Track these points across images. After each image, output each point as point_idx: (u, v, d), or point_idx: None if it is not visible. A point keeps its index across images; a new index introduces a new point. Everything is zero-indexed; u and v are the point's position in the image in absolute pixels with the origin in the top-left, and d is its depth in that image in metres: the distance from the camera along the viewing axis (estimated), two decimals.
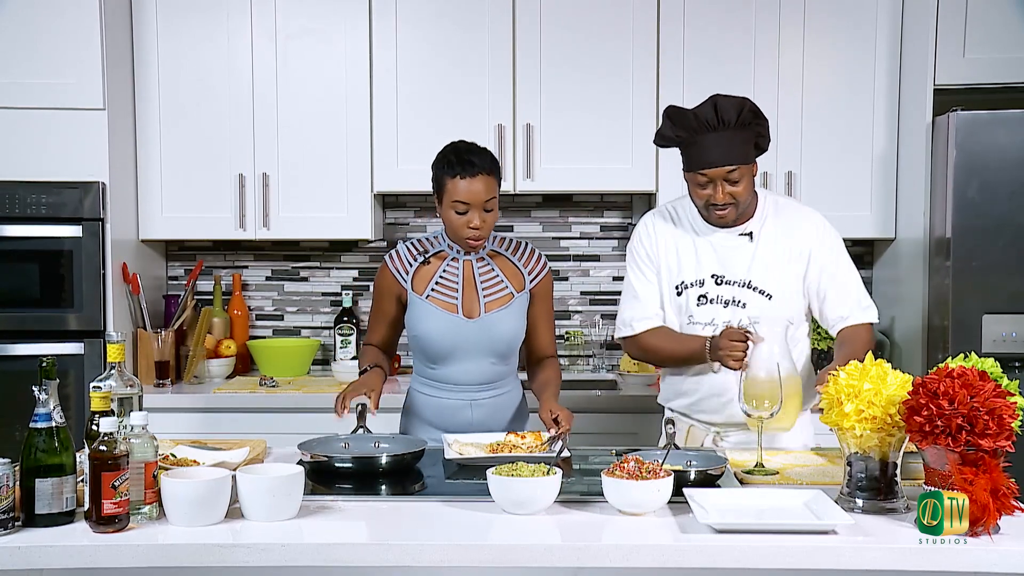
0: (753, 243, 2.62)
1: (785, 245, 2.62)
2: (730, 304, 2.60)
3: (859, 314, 2.61)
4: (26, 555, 1.81)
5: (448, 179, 2.59)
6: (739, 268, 2.61)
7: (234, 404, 3.55)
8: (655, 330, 2.68)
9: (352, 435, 2.51)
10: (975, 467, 1.83)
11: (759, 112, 2.53)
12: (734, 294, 2.61)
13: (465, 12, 3.70)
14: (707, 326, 2.61)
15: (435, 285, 2.68)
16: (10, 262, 3.52)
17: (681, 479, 2.09)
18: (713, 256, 2.63)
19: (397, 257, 2.73)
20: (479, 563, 1.84)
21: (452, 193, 2.58)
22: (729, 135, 2.49)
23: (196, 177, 3.75)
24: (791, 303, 2.62)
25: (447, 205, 2.61)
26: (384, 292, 2.75)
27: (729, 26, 3.68)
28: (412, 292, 2.68)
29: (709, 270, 2.63)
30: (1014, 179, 3.29)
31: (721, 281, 2.63)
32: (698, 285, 2.64)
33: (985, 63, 3.46)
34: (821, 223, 2.65)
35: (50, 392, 1.89)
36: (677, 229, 2.68)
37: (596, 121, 3.71)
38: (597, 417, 3.41)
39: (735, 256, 2.62)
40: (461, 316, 2.66)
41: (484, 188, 2.58)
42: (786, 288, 2.61)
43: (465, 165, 2.58)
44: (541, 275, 2.76)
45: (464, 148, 2.63)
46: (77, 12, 3.48)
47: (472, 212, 2.59)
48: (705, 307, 2.63)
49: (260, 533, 1.88)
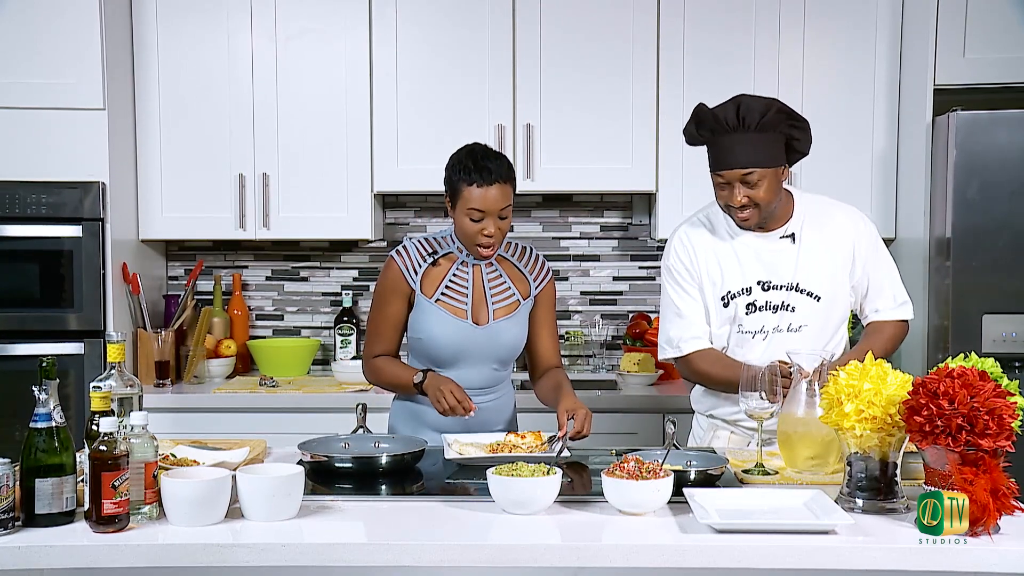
0: (796, 245, 2.57)
1: (829, 244, 2.57)
2: (779, 309, 2.56)
3: (892, 310, 2.60)
4: (26, 555, 1.81)
5: (464, 186, 2.54)
6: (785, 272, 2.57)
7: (234, 404, 3.55)
8: (704, 353, 2.61)
9: (352, 435, 2.51)
10: (975, 467, 1.83)
11: (792, 114, 2.48)
12: (783, 298, 2.56)
13: (465, 12, 3.70)
14: (757, 334, 2.58)
15: (445, 289, 2.64)
16: (10, 262, 3.52)
17: (681, 479, 2.09)
18: (757, 262, 2.58)
19: (406, 254, 2.66)
20: (479, 563, 1.84)
21: (468, 200, 2.54)
22: (751, 137, 2.43)
23: (196, 177, 3.76)
24: (840, 303, 2.59)
25: (462, 211, 2.56)
26: (392, 291, 2.67)
27: (729, 26, 3.68)
28: (420, 293, 2.65)
29: (755, 276, 2.58)
30: (1014, 179, 3.29)
31: (768, 287, 2.57)
32: (745, 293, 2.58)
33: (985, 63, 3.46)
34: (860, 218, 2.63)
35: (50, 392, 1.89)
36: (714, 238, 2.62)
37: (596, 121, 3.71)
38: (597, 417, 3.34)
39: (780, 260, 2.57)
40: (470, 323, 2.63)
41: (500, 196, 2.54)
42: (835, 288, 2.57)
43: (483, 172, 2.53)
44: (545, 281, 2.74)
45: (481, 154, 2.58)
46: (77, 12, 3.48)
47: (487, 220, 2.54)
48: (754, 315, 2.58)
49: (260, 533, 1.88)
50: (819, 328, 2.57)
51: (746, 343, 2.60)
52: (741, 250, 2.59)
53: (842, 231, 2.59)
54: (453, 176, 2.58)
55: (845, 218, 2.61)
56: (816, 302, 2.56)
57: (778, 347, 2.52)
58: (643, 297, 4.12)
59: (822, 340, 2.56)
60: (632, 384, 3.70)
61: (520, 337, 2.70)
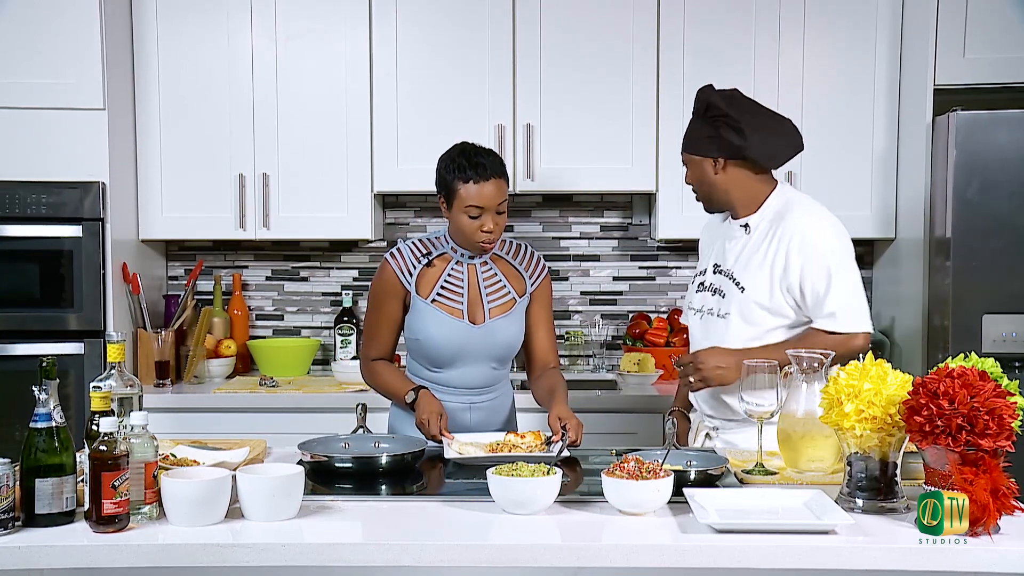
0: (747, 235, 2.62)
1: (772, 242, 2.55)
2: (716, 292, 2.65)
3: (821, 320, 2.53)
4: (26, 555, 1.81)
5: (460, 183, 2.55)
6: (731, 258, 2.63)
7: (234, 404, 3.55)
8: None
9: (352, 435, 2.51)
10: (975, 467, 1.83)
11: (727, 114, 2.52)
12: (720, 283, 2.64)
13: (465, 12, 3.70)
14: (696, 312, 2.70)
15: (440, 289, 2.65)
16: (10, 262, 3.52)
17: (681, 479, 2.09)
18: (718, 245, 2.69)
19: (400, 257, 2.67)
20: (479, 563, 1.84)
21: (465, 198, 2.55)
22: (694, 124, 2.62)
23: (196, 177, 3.76)
24: (766, 300, 2.55)
25: (459, 210, 2.57)
26: (387, 294, 2.69)
27: (729, 26, 3.68)
28: (416, 295, 2.65)
29: (712, 259, 2.69)
30: (1014, 179, 3.29)
31: (717, 270, 2.67)
32: (702, 273, 2.72)
33: (985, 63, 3.46)
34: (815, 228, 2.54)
35: (50, 392, 1.89)
36: (714, 220, 2.77)
37: (596, 121, 3.71)
38: (597, 417, 3.40)
39: (730, 246, 2.64)
40: (466, 322, 2.64)
41: (496, 191, 2.56)
42: (763, 284, 2.55)
43: (477, 168, 2.54)
44: (540, 278, 2.75)
45: (472, 150, 2.59)
46: (77, 12, 3.48)
47: (485, 216, 2.56)
48: (699, 294, 2.71)
49: (260, 533, 1.88)
50: (742, 319, 2.56)
51: (689, 319, 2.76)
52: (716, 233, 2.73)
53: (786, 234, 2.54)
54: (447, 175, 2.58)
55: (798, 223, 2.54)
56: (740, 292, 2.57)
57: (711, 330, 2.63)
58: (643, 297, 4.12)
59: (748, 333, 2.55)
60: (632, 384, 3.70)
61: (517, 335, 2.71)
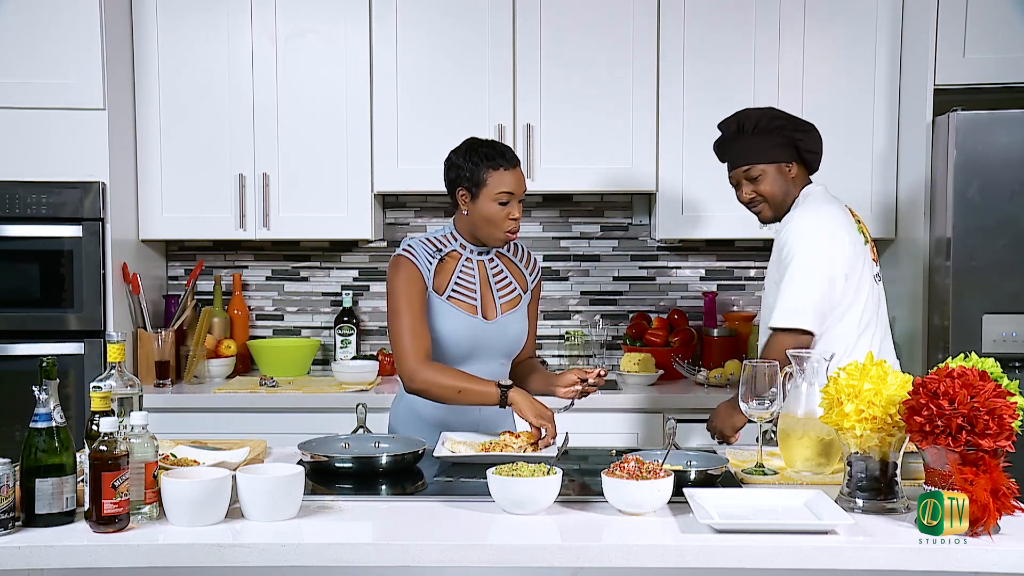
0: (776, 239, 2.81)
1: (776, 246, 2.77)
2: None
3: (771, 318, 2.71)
4: (26, 555, 1.81)
5: (491, 171, 2.56)
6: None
7: (234, 404, 3.55)
8: None
9: (352, 435, 2.51)
10: (975, 467, 1.83)
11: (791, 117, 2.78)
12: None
13: (465, 12, 3.70)
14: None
15: (455, 285, 2.64)
16: (10, 262, 3.52)
17: (681, 479, 2.09)
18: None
19: (416, 252, 2.63)
20: (479, 563, 1.84)
21: (498, 184, 2.56)
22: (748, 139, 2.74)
23: (196, 177, 3.75)
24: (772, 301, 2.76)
25: (488, 198, 2.57)
26: (415, 288, 2.58)
27: (729, 26, 3.68)
28: (432, 291, 2.63)
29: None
30: (1014, 179, 3.29)
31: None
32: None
33: (985, 63, 3.46)
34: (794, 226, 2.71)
35: (50, 392, 1.89)
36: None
37: (596, 121, 3.71)
38: (597, 417, 3.41)
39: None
40: (480, 318, 2.64)
41: (522, 178, 2.62)
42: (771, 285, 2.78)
43: (506, 155, 2.59)
44: (537, 276, 2.80)
45: (490, 142, 2.64)
46: (77, 12, 3.48)
47: (513, 203, 2.59)
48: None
49: (260, 533, 1.88)
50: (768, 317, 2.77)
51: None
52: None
53: (780, 234, 2.75)
54: (474, 167, 2.58)
55: (788, 222, 2.74)
56: (764, 291, 2.83)
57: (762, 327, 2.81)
58: (643, 297, 4.12)
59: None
60: (632, 384, 3.70)
61: (523, 331, 2.73)
